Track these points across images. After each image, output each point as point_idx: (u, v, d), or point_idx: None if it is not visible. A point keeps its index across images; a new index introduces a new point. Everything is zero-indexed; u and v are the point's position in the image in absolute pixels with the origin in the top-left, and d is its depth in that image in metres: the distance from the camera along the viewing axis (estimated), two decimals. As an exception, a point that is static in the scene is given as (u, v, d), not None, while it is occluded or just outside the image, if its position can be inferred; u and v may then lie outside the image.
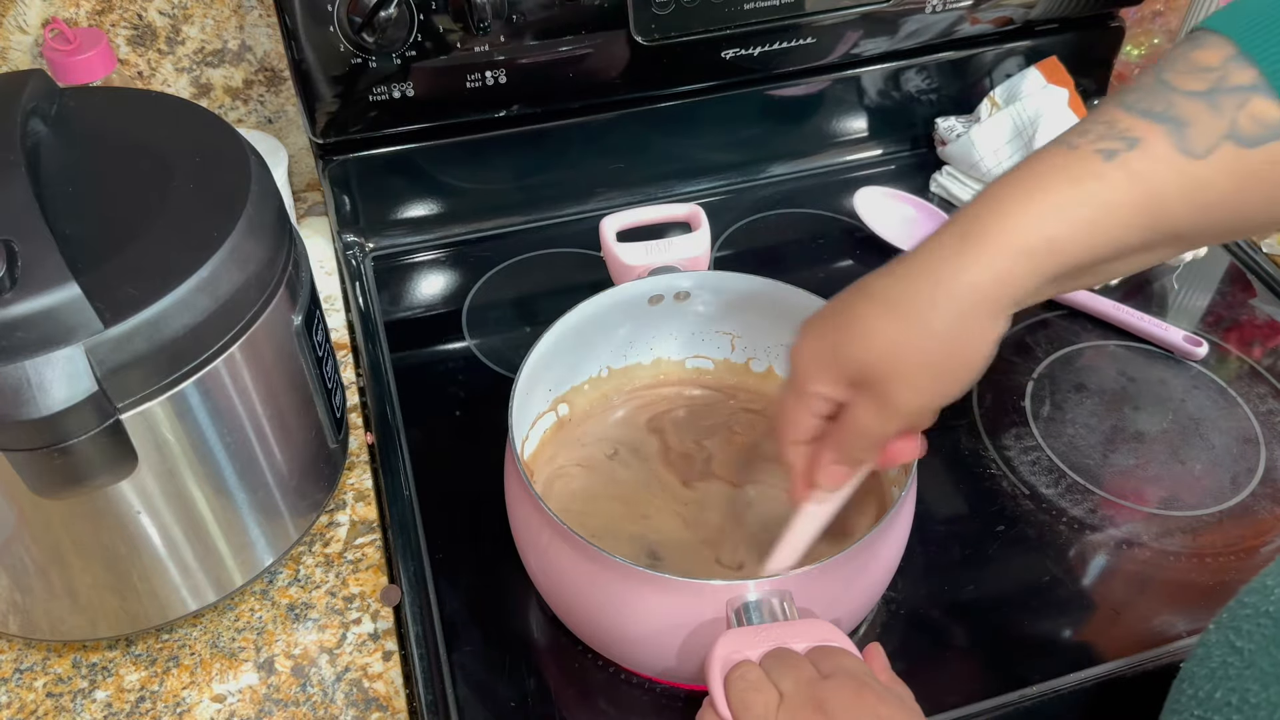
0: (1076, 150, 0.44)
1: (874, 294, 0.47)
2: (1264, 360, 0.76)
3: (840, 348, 0.47)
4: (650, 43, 0.80)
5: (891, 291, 0.46)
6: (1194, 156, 0.43)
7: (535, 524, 0.55)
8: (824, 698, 0.43)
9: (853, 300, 0.47)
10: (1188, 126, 0.43)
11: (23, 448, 0.45)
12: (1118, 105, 0.45)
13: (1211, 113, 0.43)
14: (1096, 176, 0.43)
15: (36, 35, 0.77)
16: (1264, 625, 0.42)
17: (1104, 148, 0.43)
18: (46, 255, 0.45)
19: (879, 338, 0.46)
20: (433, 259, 0.86)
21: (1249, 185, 0.43)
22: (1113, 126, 0.44)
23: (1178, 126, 0.43)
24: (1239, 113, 0.42)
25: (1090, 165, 0.43)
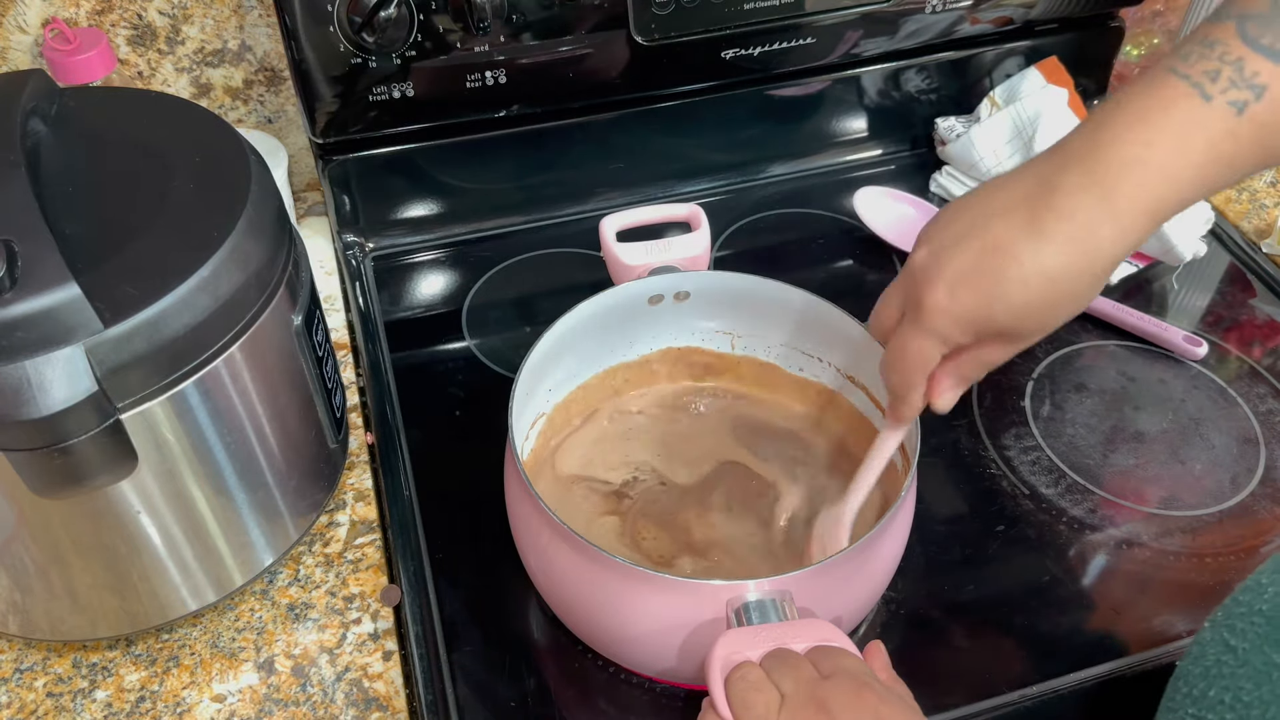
0: (1212, 104, 0.43)
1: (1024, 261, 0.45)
2: (1264, 360, 0.76)
3: (995, 318, 0.46)
4: (650, 43, 0.80)
5: (1045, 261, 0.44)
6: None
7: (535, 524, 0.55)
8: (825, 698, 0.43)
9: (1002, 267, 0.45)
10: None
11: (23, 448, 0.45)
12: (1237, 36, 0.44)
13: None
14: (1232, 136, 0.43)
15: (36, 35, 0.77)
16: (1258, 624, 0.42)
17: (1235, 99, 0.43)
18: (46, 255, 0.45)
19: (1035, 311, 0.46)
20: (433, 259, 0.86)
21: None
22: (1240, 69, 0.43)
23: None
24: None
25: (1225, 123, 0.43)
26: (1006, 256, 0.45)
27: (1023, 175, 0.46)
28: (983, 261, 0.45)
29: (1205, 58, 0.44)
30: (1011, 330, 0.47)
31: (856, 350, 0.64)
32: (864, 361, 0.64)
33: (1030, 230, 0.44)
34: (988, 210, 0.46)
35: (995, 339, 0.48)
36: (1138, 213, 0.44)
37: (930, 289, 0.46)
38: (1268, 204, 0.90)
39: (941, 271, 0.46)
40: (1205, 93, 0.43)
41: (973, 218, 0.46)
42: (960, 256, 0.46)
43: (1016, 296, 0.45)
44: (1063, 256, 0.44)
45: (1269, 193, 0.91)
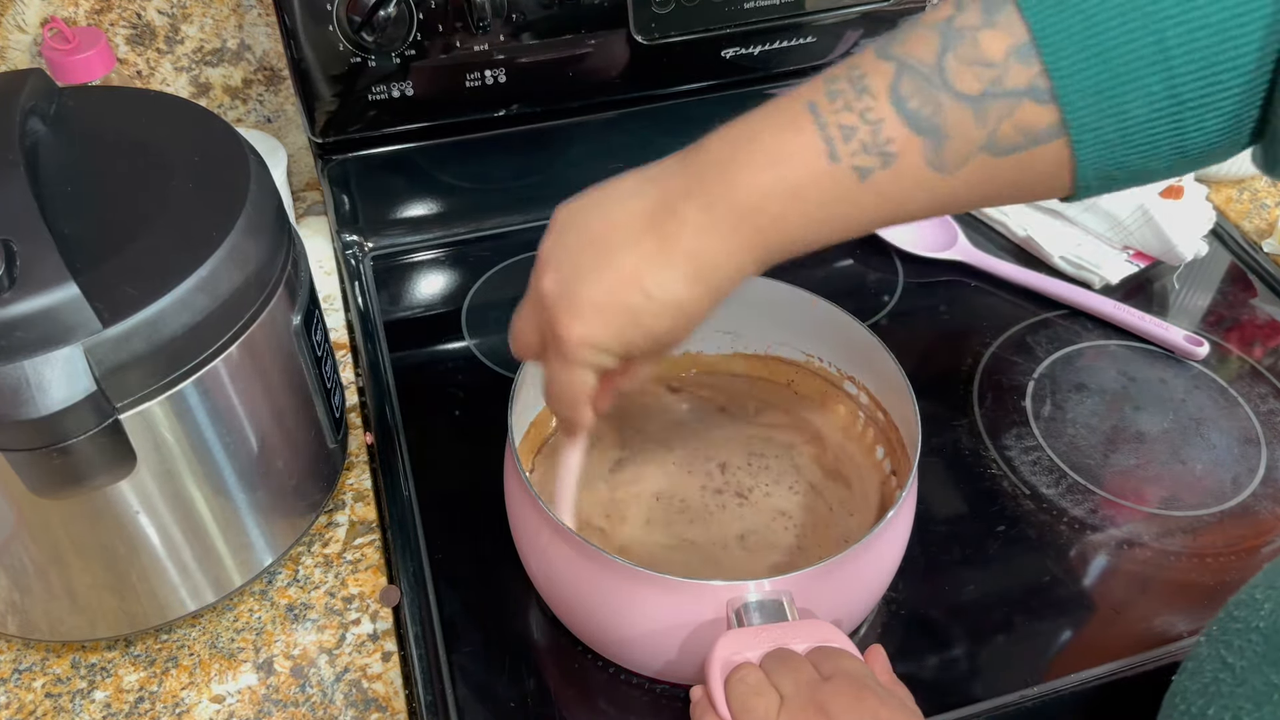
0: (838, 165, 0.42)
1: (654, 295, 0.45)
2: (1265, 360, 0.76)
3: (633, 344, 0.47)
4: (650, 42, 0.80)
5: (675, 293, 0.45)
6: (944, 173, 0.42)
7: (535, 524, 0.55)
8: (825, 701, 0.43)
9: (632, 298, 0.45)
10: (946, 141, 0.42)
11: (22, 448, 0.45)
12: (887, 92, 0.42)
13: (975, 123, 0.41)
14: (849, 200, 0.43)
15: (35, 34, 0.77)
16: (1255, 642, 0.42)
17: (861, 164, 0.42)
18: (45, 255, 0.45)
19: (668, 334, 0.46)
20: (432, 259, 0.85)
21: (989, 188, 0.44)
22: (877, 133, 0.42)
23: (937, 141, 0.42)
24: (1003, 121, 0.41)
25: (844, 186, 0.43)
26: (638, 291, 0.45)
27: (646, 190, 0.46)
28: (615, 295, 0.45)
29: (849, 108, 0.42)
30: (651, 350, 0.47)
31: (856, 350, 0.64)
32: (864, 362, 0.64)
33: (658, 264, 0.45)
34: (613, 234, 0.46)
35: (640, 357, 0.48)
36: (752, 256, 0.45)
37: (568, 325, 0.46)
38: (1269, 204, 0.90)
39: (575, 306, 0.46)
40: (835, 152, 0.42)
41: (598, 241, 0.46)
42: (592, 288, 0.45)
43: (651, 325, 0.46)
44: (690, 289, 0.45)
45: (1270, 192, 0.91)
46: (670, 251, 0.45)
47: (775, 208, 0.44)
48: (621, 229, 0.46)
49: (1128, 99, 0.40)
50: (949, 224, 0.85)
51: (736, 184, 0.44)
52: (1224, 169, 0.90)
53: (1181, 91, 0.40)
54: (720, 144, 0.45)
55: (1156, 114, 0.40)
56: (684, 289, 0.45)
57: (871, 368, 0.63)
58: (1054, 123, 0.41)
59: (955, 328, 0.79)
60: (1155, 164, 0.42)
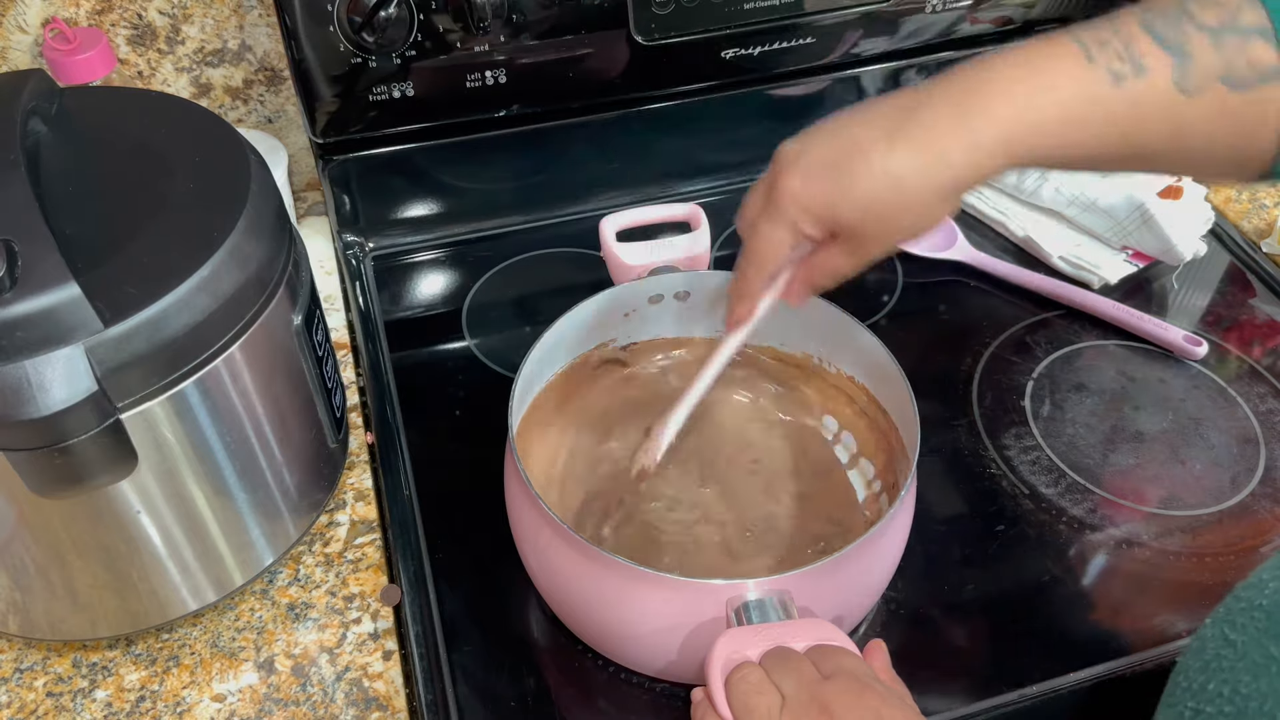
0: (1094, 65, 0.46)
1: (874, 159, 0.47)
2: (1264, 360, 0.76)
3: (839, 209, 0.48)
4: (650, 43, 0.80)
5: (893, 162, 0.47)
6: (1185, 93, 0.45)
7: (535, 524, 0.55)
8: (826, 699, 0.43)
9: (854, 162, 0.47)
10: (1190, 61, 0.45)
11: (23, 447, 0.45)
12: (1139, 22, 0.46)
13: (1214, 51, 0.45)
14: (1102, 101, 0.46)
15: (36, 35, 0.77)
16: (1257, 618, 0.42)
17: (1116, 69, 0.46)
18: (46, 255, 0.45)
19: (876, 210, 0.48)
20: (433, 259, 0.86)
21: (1224, 123, 0.46)
22: (1129, 46, 0.46)
23: (1182, 60, 0.45)
24: (1238, 55, 0.45)
25: (1100, 87, 0.46)
26: (860, 153, 0.47)
27: (907, 91, 0.49)
28: (839, 156, 0.48)
29: (1101, 29, 0.46)
30: (853, 228, 0.49)
31: (856, 350, 0.64)
32: (864, 362, 0.64)
33: (887, 133, 0.47)
34: (862, 116, 0.49)
35: (841, 242, 0.50)
36: (990, 140, 0.46)
37: (787, 176, 0.49)
38: (1268, 204, 0.90)
39: (799, 161, 0.49)
40: (1090, 54, 0.46)
41: (847, 122, 0.49)
42: (820, 150, 0.48)
43: (862, 190, 0.47)
44: (910, 161, 0.46)
45: (1269, 193, 0.91)
46: (901, 126, 0.47)
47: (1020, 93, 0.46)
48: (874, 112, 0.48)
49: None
50: (949, 224, 0.85)
51: (986, 74, 0.47)
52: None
53: None
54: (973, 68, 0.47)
55: None
56: (905, 161, 0.46)
57: (871, 368, 0.63)
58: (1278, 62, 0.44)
59: (955, 328, 0.79)
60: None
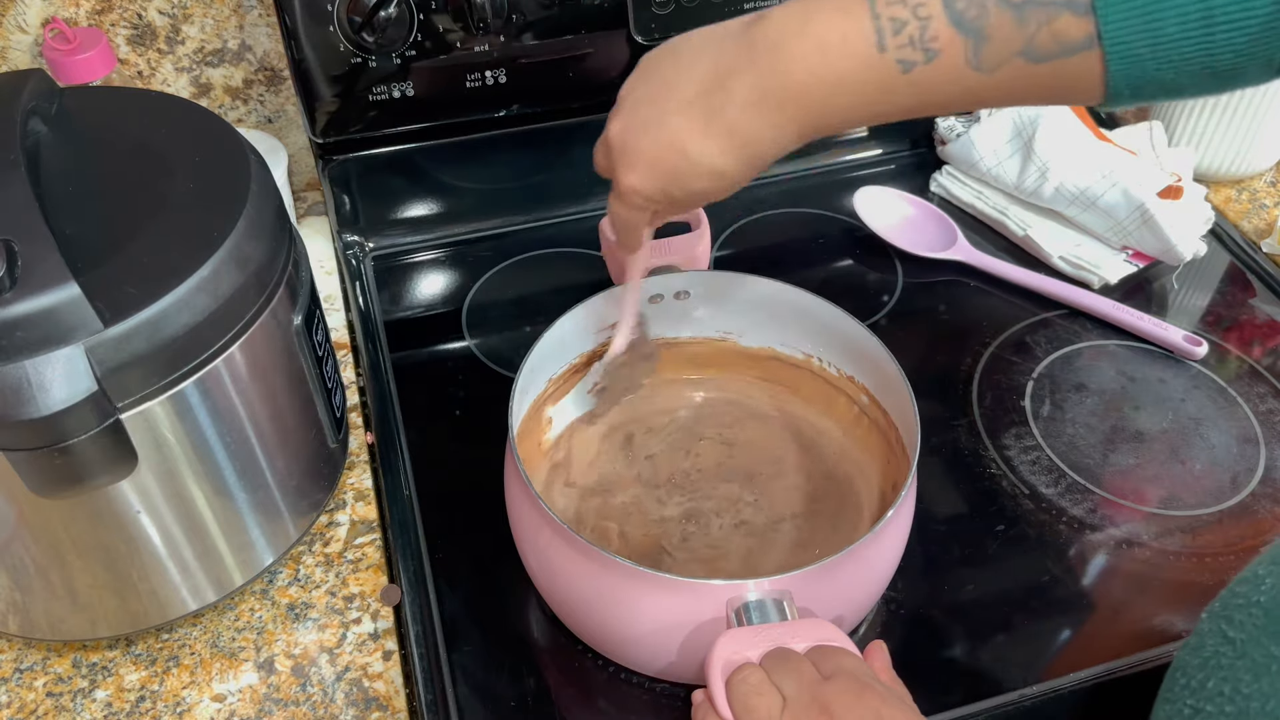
0: (884, 55, 0.46)
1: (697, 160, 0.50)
2: (1264, 360, 0.76)
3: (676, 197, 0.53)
4: (650, 43, 0.80)
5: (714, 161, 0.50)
6: (980, 71, 0.45)
7: (535, 524, 0.55)
8: (827, 700, 0.43)
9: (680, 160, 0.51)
10: (987, 42, 0.45)
11: (23, 447, 0.45)
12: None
13: (1015, 26, 0.44)
14: (887, 89, 0.46)
15: (36, 35, 0.77)
16: (1255, 615, 0.42)
17: (905, 58, 0.45)
18: (46, 255, 0.45)
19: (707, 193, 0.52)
20: (433, 259, 0.86)
21: (1022, 88, 0.46)
22: (924, 29, 0.45)
23: (978, 41, 0.45)
24: (1041, 29, 0.44)
25: (887, 77, 0.46)
26: (683, 154, 0.50)
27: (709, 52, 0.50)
28: (663, 155, 0.51)
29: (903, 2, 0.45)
30: (693, 203, 0.53)
31: (856, 350, 0.64)
32: (864, 362, 0.64)
33: (704, 134, 0.49)
34: (672, 93, 0.50)
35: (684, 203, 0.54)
36: (791, 131, 0.49)
37: (623, 173, 0.52)
38: (1268, 204, 0.90)
39: (629, 157, 0.52)
40: (883, 43, 0.45)
41: (658, 98, 0.51)
42: (647, 144, 0.51)
43: (690, 185, 0.51)
44: (728, 158, 0.50)
45: (1269, 192, 0.91)
46: (715, 122, 0.49)
47: (820, 92, 0.47)
48: (680, 89, 0.50)
49: (1162, 15, 0.43)
50: (949, 224, 0.85)
51: (786, 67, 0.47)
52: (1224, 169, 0.90)
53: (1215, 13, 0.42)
54: (780, 19, 0.48)
55: (1187, 32, 0.43)
56: (723, 159, 0.50)
57: (871, 368, 0.63)
58: (1089, 34, 0.44)
59: (955, 328, 0.79)
60: (1184, 80, 0.45)
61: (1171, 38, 0.43)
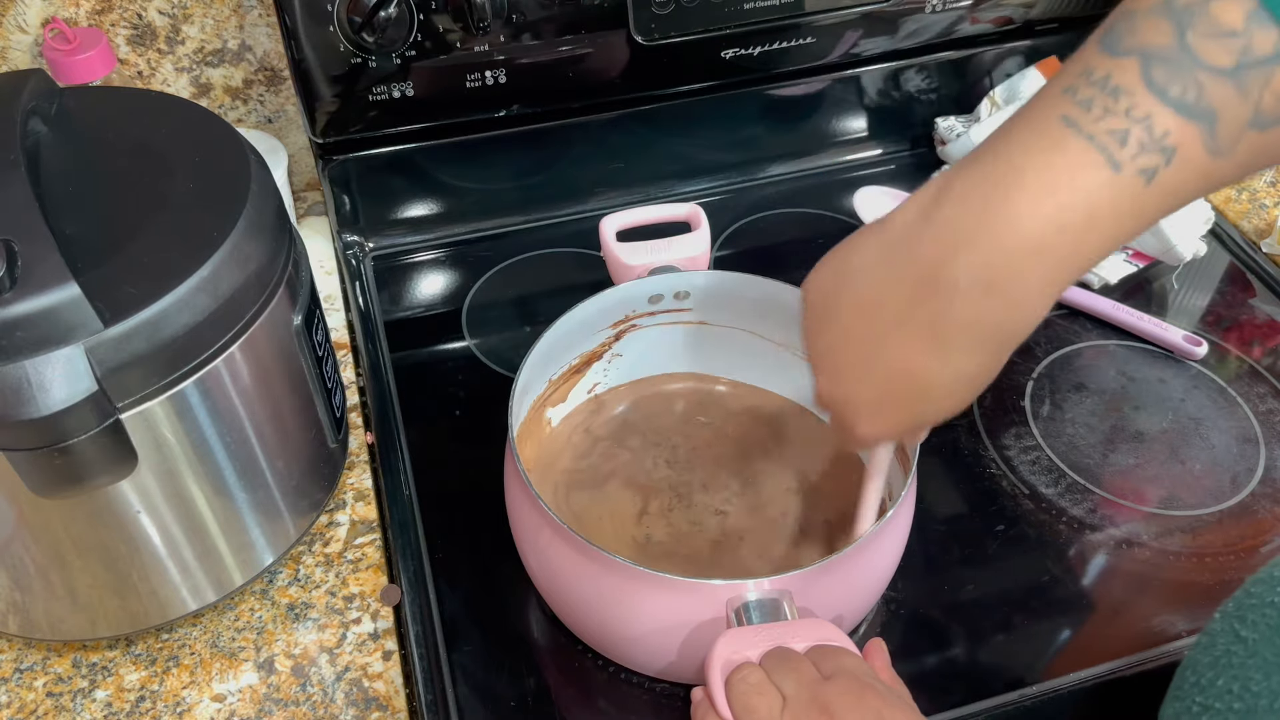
0: (1121, 173, 0.38)
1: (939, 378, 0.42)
2: (1264, 360, 0.76)
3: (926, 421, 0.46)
4: (650, 43, 0.80)
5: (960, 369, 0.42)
6: (1220, 156, 0.39)
7: (535, 524, 0.55)
8: (827, 700, 0.43)
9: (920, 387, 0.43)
10: (1217, 122, 0.38)
11: (23, 447, 0.45)
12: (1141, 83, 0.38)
13: (1239, 98, 0.38)
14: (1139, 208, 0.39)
15: (36, 35, 0.77)
16: (1269, 615, 0.42)
17: (1145, 166, 0.38)
18: (46, 255, 0.45)
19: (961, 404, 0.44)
20: (432, 259, 0.86)
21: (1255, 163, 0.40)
22: (1150, 129, 0.38)
23: (1209, 124, 0.38)
24: (1264, 92, 0.38)
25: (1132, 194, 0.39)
26: (921, 380, 0.43)
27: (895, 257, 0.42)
28: (898, 388, 0.43)
29: (1110, 111, 0.38)
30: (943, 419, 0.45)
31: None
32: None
33: (935, 348, 0.41)
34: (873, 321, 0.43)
35: None
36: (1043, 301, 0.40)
37: (854, 429, 0.46)
38: (1268, 204, 0.90)
39: (859, 409, 0.45)
40: (1114, 160, 0.38)
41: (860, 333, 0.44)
42: (869, 388, 0.44)
43: (943, 403, 0.44)
44: (974, 361, 0.42)
45: (1269, 192, 0.91)
46: (943, 329, 0.41)
47: (1064, 240, 0.39)
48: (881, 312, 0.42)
49: None
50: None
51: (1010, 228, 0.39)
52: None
53: None
54: (969, 186, 0.40)
55: None
56: (968, 363, 0.42)
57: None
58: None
59: (955, 328, 0.79)
60: None
61: None
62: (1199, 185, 0.39)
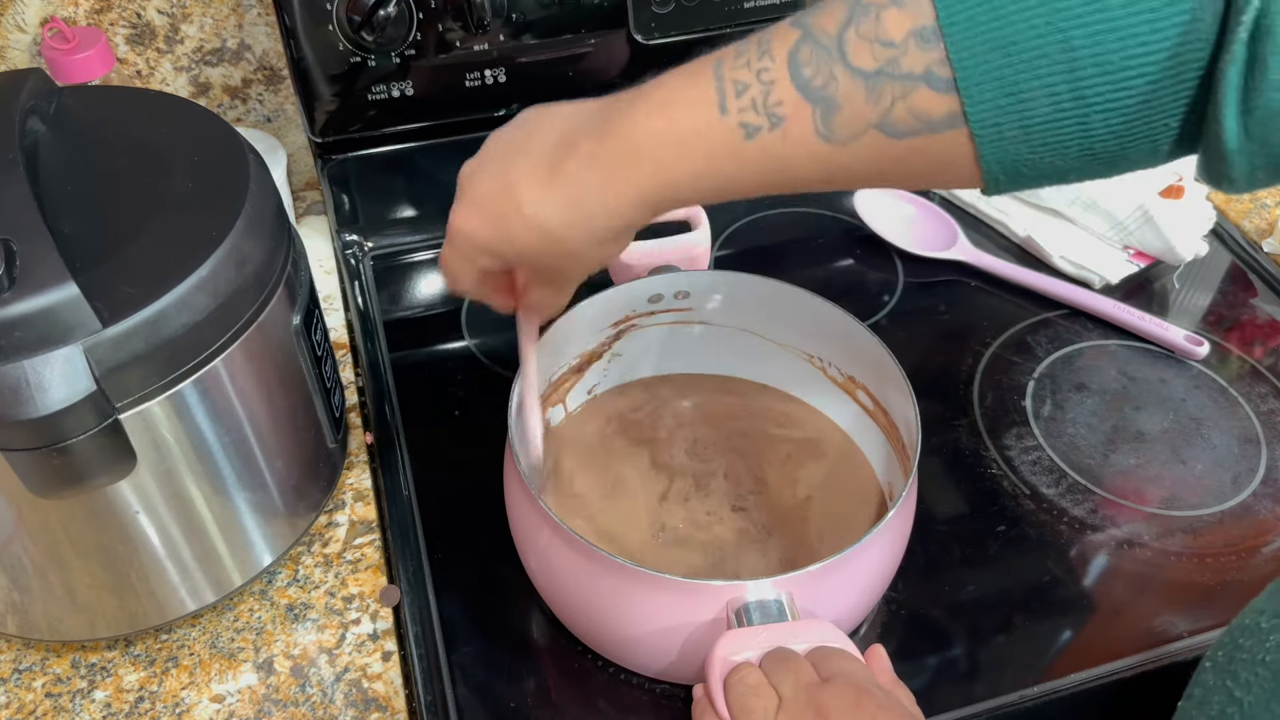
0: (726, 117, 0.43)
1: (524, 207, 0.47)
2: (1265, 360, 0.76)
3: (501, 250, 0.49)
4: (650, 42, 0.80)
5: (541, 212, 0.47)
6: (833, 143, 0.42)
7: (535, 524, 0.55)
8: (824, 703, 0.43)
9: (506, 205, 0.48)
10: (837, 111, 0.42)
11: (21, 447, 0.45)
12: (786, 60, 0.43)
13: (867, 99, 0.41)
14: (735, 156, 0.44)
15: (35, 34, 0.77)
16: (1262, 676, 0.41)
17: (749, 121, 0.43)
18: (45, 254, 0.45)
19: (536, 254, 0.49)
20: (432, 258, 0.85)
21: (887, 166, 0.43)
22: (767, 94, 0.43)
23: (826, 110, 0.42)
24: (896, 104, 0.41)
25: (731, 141, 0.43)
26: (512, 199, 0.47)
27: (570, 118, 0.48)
28: (497, 195, 0.48)
29: (748, 66, 0.43)
30: (525, 264, 0.50)
31: (856, 349, 0.64)
32: (864, 362, 0.64)
33: (539, 181, 0.47)
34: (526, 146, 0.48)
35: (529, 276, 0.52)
36: (629, 198, 0.46)
37: (455, 210, 0.50)
38: (1269, 204, 0.90)
39: (466, 194, 0.50)
40: (724, 105, 0.43)
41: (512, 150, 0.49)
42: (485, 182, 0.49)
43: (517, 236, 0.48)
44: (557, 215, 0.47)
45: (1270, 192, 0.91)
46: (553, 175, 0.46)
47: (658, 153, 0.45)
48: (534, 144, 0.48)
49: (1031, 94, 0.40)
50: (949, 223, 0.85)
51: (627, 127, 0.45)
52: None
53: (1086, 93, 0.39)
54: (636, 89, 0.47)
55: (1061, 113, 0.40)
56: (552, 213, 0.47)
57: (871, 368, 0.63)
58: (953, 111, 0.41)
59: (955, 327, 0.79)
60: (1064, 163, 0.42)
61: (1045, 118, 0.40)
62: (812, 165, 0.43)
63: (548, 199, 0.46)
